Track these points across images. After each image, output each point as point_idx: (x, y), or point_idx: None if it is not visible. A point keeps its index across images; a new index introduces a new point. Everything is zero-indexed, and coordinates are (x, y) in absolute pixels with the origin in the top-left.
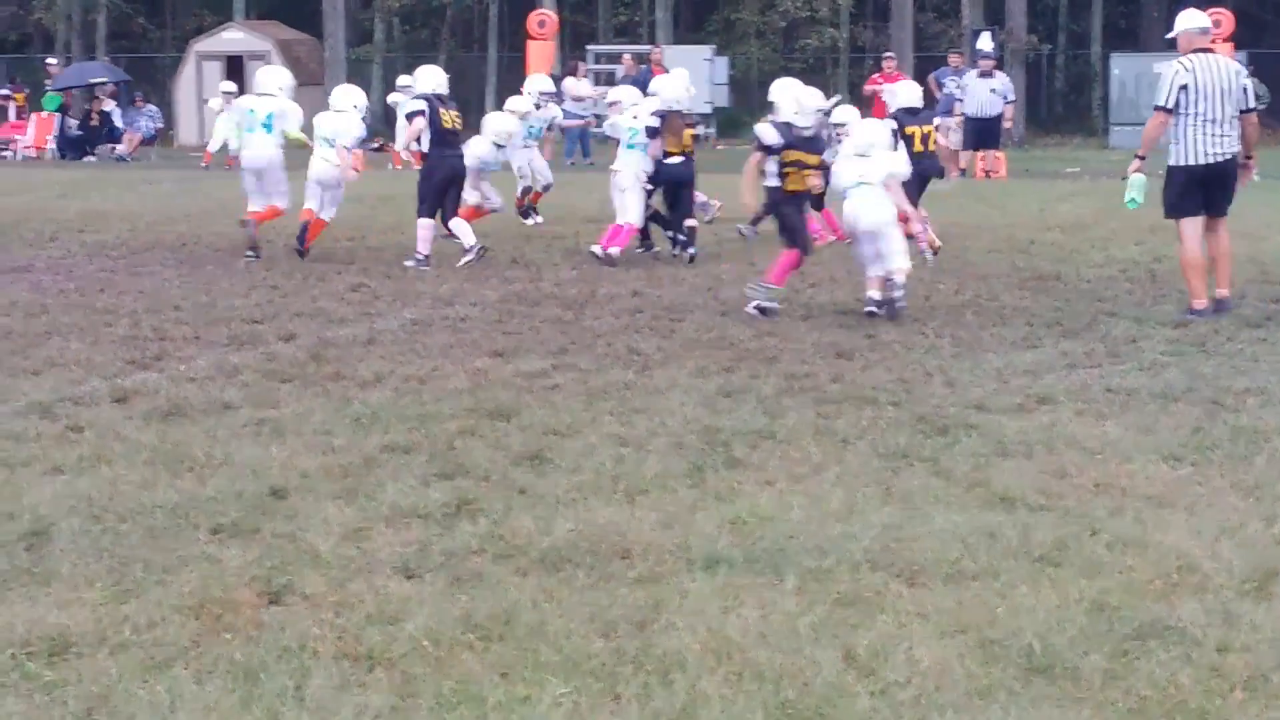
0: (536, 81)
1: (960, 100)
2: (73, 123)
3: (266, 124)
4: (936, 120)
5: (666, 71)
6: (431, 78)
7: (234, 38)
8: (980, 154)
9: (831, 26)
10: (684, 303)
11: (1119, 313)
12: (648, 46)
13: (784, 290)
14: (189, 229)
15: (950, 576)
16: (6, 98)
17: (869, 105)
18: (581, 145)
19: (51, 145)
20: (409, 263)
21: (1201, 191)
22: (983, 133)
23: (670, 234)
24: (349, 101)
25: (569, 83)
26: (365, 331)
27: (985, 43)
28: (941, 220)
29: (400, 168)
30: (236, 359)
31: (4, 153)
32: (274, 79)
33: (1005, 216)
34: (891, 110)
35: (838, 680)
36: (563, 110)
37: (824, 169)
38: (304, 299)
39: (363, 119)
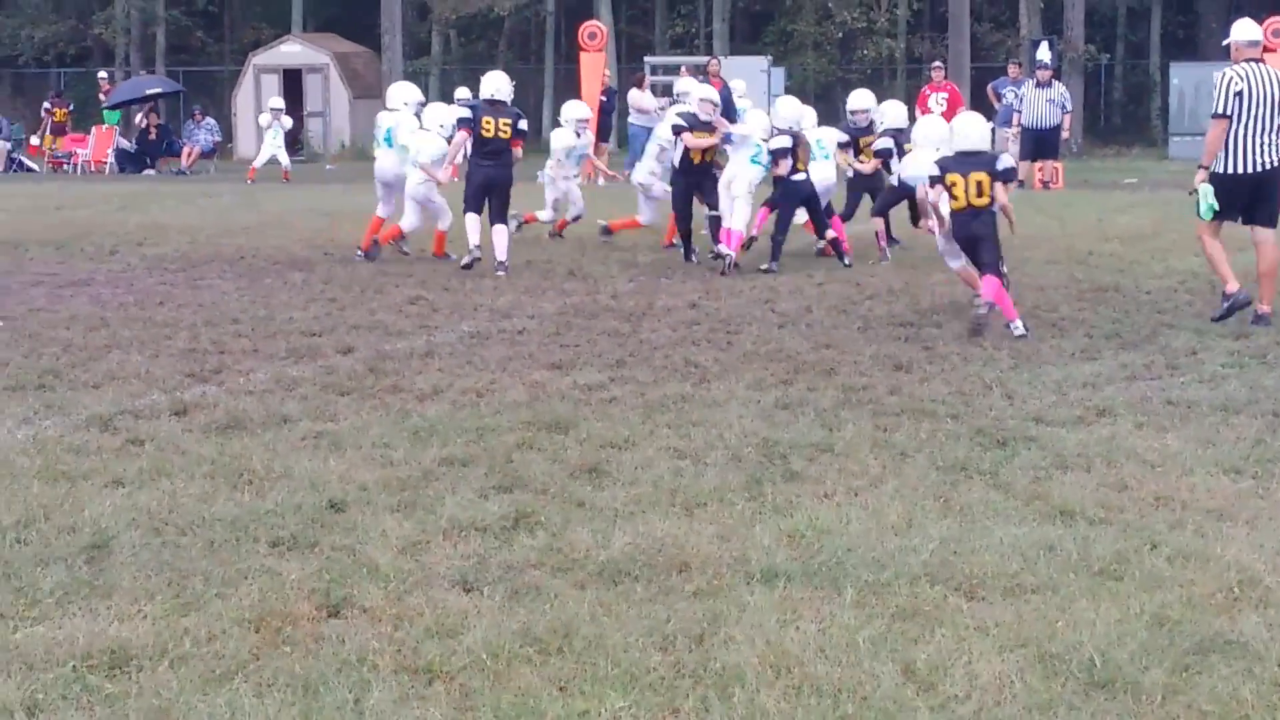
0: (573, 109)
1: (1018, 111)
2: (123, 141)
3: (387, 139)
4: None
5: (724, 83)
6: (488, 83)
7: (292, 51)
8: (1038, 164)
9: (889, 37)
10: (741, 315)
11: (1179, 324)
12: (705, 58)
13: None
14: (247, 242)
15: (1009, 590)
16: (49, 111)
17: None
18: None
19: (111, 159)
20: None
21: (1241, 200)
22: (1040, 143)
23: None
24: (436, 122)
25: (634, 95)
26: (423, 344)
27: (1044, 53)
28: (1000, 231)
29: (456, 179)
30: (295, 372)
31: (64, 166)
32: (399, 94)
33: (1064, 227)
34: (879, 130)
35: (897, 694)
36: (629, 123)
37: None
38: (362, 312)
39: (446, 138)
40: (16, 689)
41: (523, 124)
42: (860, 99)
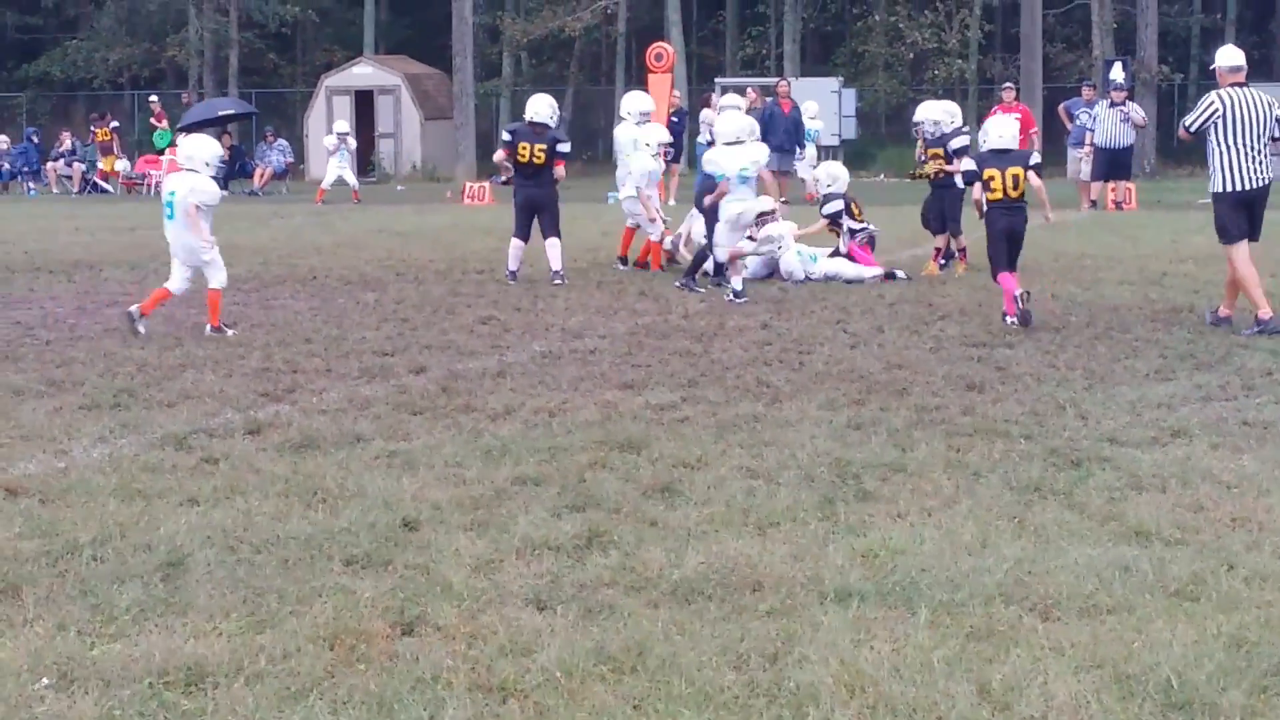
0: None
1: (1091, 130)
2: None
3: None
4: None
5: (794, 104)
6: (529, 106)
7: (363, 73)
8: (1111, 185)
9: (960, 58)
10: (813, 335)
11: (1253, 345)
12: (774, 79)
13: None
14: (320, 262)
15: (1085, 611)
16: (91, 132)
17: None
18: (710, 176)
19: None
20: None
21: (1245, 215)
22: (1113, 163)
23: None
24: (644, 140)
25: (706, 114)
26: (495, 364)
27: (1117, 73)
28: (1073, 251)
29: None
30: (368, 391)
31: (138, 187)
32: (632, 104)
33: (1137, 248)
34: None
35: (972, 715)
36: (698, 143)
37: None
38: (434, 332)
39: (654, 155)
40: (94, 705)
41: (562, 146)
42: (923, 110)
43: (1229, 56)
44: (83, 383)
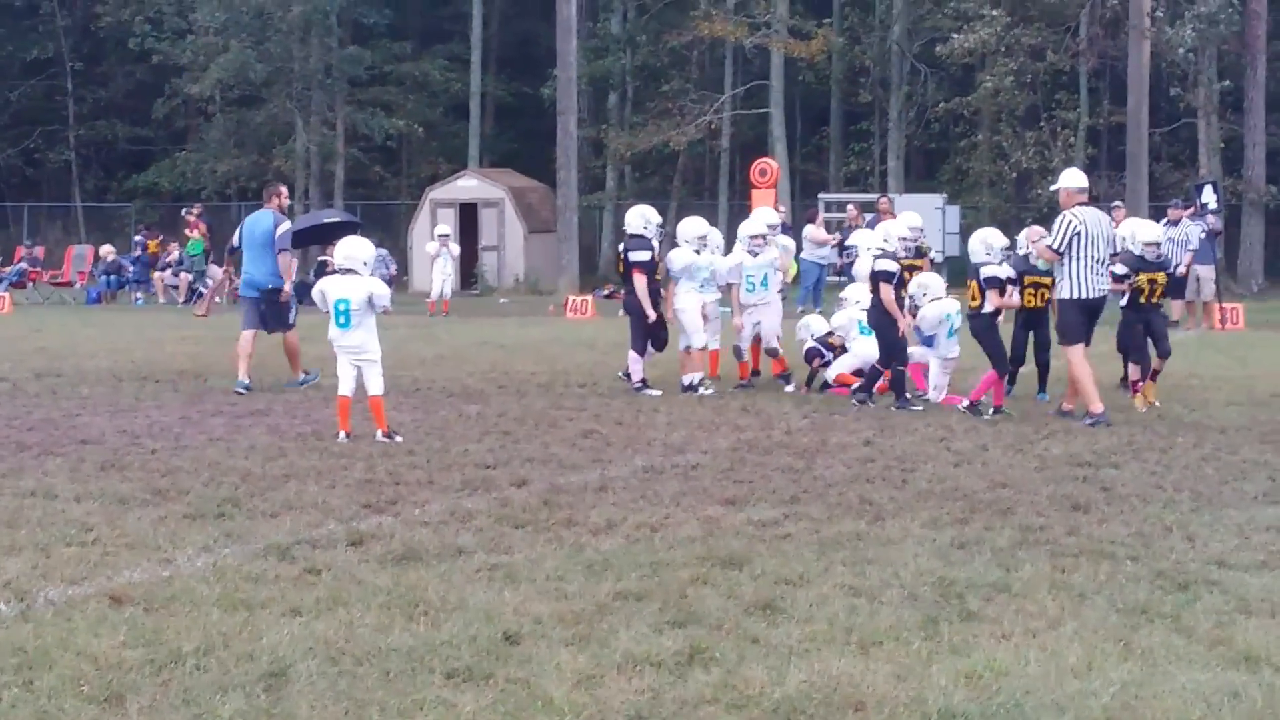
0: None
1: (1192, 250)
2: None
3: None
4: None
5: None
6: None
7: (468, 185)
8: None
9: None
10: (916, 453)
11: None
12: (876, 195)
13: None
14: (423, 374)
15: None
16: (142, 244)
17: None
18: (814, 293)
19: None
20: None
21: (1089, 320)
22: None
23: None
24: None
25: (809, 230)
26: (597, 478)
27: (1209, 196)
28: (1180, 372)
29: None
30: (470, 504)
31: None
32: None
33: (1244, 369)
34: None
35: None
36: (800, 259)
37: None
38: (536, 445)
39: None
40: None
41: (633, 255)
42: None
43: (1075, 178)
44: (187, 492)
